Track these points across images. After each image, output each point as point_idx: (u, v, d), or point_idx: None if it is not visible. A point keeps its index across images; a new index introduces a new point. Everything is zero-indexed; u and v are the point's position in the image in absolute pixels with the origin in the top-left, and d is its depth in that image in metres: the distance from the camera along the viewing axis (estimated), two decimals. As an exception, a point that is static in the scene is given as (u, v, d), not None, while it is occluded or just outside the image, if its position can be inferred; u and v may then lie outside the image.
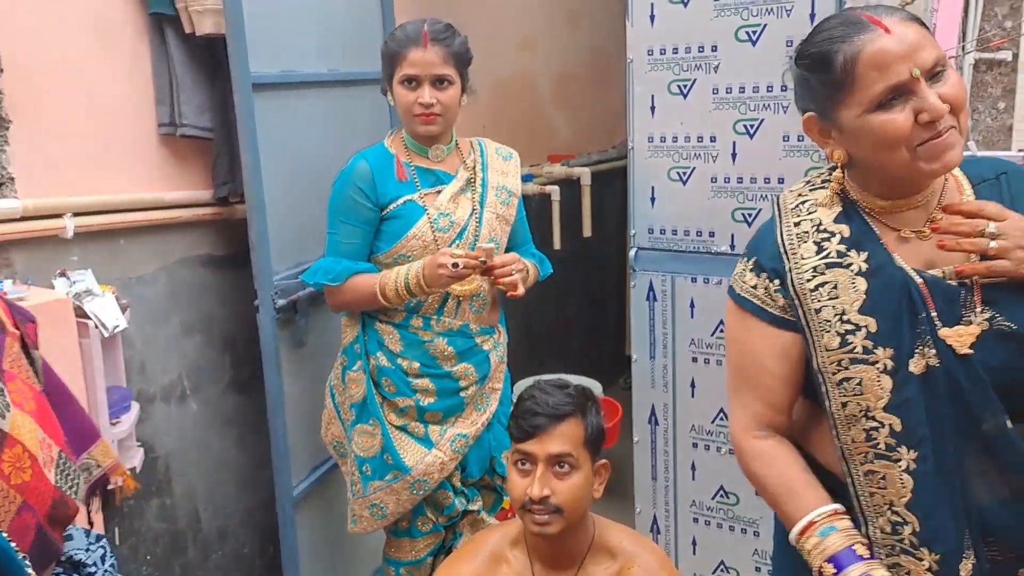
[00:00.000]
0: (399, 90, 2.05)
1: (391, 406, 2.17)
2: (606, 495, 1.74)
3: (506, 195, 2.19)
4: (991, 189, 1.30)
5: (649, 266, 2.50)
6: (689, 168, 2.38)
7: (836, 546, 1.24)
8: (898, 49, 1.16)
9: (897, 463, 1.26)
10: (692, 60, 2.30)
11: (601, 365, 4.27)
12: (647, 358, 2.54)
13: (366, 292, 2.07)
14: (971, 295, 1.24)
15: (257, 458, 2.64)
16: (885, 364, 1.24)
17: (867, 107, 1.19)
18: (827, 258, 1.29)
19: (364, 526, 2.24)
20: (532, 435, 1.61)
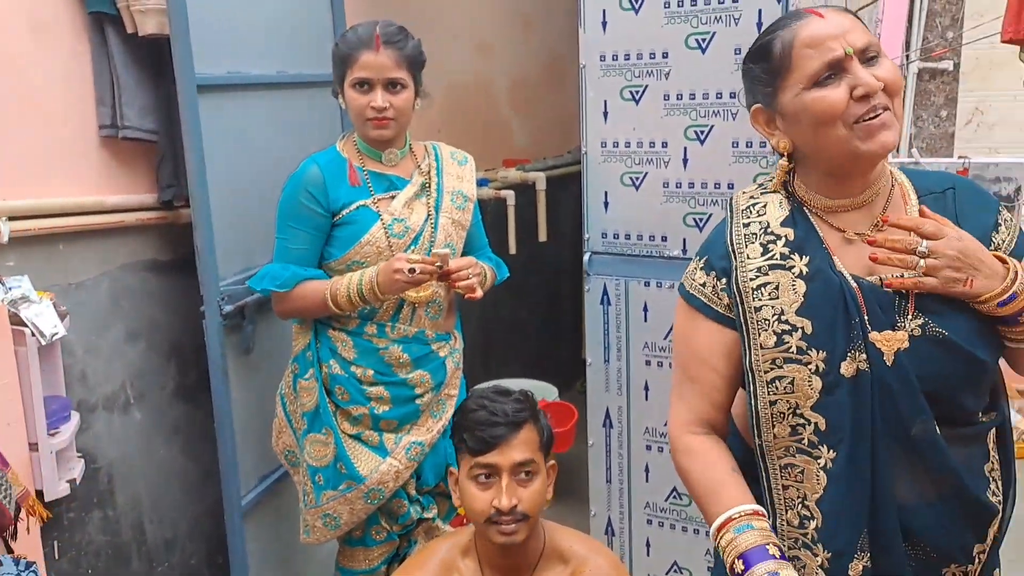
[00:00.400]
0: (351, 93, 2.02)
1: (344, 414, 2.14)
2: (561, 499, 1.75)
3: (462, 200, 2.17)
4: (936, 202, 1.33)
5: (603, 270, 2.50)
6: (642, 173, 2.39)
7: (749, 543, 1.25)
8: (831, 29, 1.23)
9: (816, 460, 1.30)
10: (644, 66, 2.31)
11: (558, 369, 4.28)
12: (601, 362, 2.55)
13: (316, 299, 2.03)
14: (906, 302, 1.27)
15: (205, 467, 2.59)
16: (817, 365, 1.27)
17: (805, 84, 1.24)
18: (771, 260, 1.32)
19: (317, 536, 2.20)
20: (494, 446, 1.60)
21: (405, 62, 2.01)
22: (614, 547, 2.61)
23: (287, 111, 2.45)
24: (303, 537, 2.24)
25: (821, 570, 1.30)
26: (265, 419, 2.36)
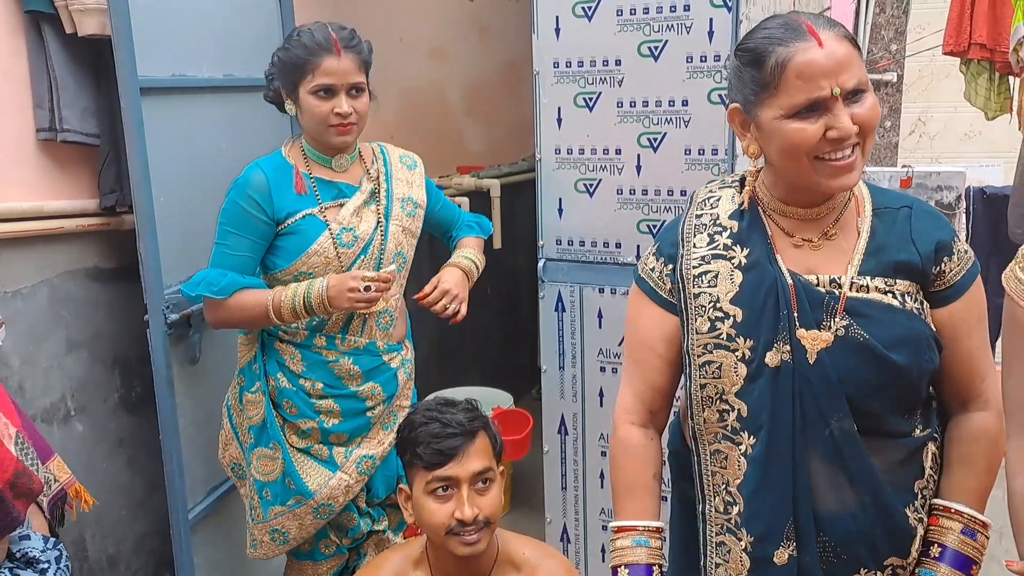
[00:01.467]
0: (310, 100, 1.96)
1: (293, 428, 2.09)
2: (517, 506, 1.74)
3: (412, 207, 2.13)
4: (888, 216, 1.36)
5: (557, 277, 2.50)
6: (595, 180, 2.39)
7: (640, 558, 1.39)
8: (826, 64, 1.21)
9: (738, 446, 1.35)
10: (597, 73, 2.32)
11: (513, 376, 4.26)
12: (556, 368, 2.54)
13: (255, 310, 1.96)
14: (836, 303, 1.30)
15: (150, 480, 2.52)
16: (744, 353, 1.33)
17: (785, 112, 1.24)
18: (715, 250, 1.38)
19: (264, 551, 2.15)
20: (451, 457, 1.58)
21: (364, 66, 1.99)
22: (569, 554, 2.60)
23: (235, 115, 2.40)
24: (250, 552, 2.19)
25: (745, 554, 1.35)
26: (213, 430, 2.30)
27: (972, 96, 3.71)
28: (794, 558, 1.32)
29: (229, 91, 2.38)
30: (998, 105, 3.64)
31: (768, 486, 1.32)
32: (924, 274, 1.33)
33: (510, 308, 4.55)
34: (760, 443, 1.32)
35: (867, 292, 1.31)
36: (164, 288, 2.14)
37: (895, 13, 5.01)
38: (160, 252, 2.11)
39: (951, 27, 3.60)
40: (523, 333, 4.65)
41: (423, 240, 2.23)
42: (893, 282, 1.31)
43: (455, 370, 3.96)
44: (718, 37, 2.15)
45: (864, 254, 1.33)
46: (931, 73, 5.92)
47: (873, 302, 1.30)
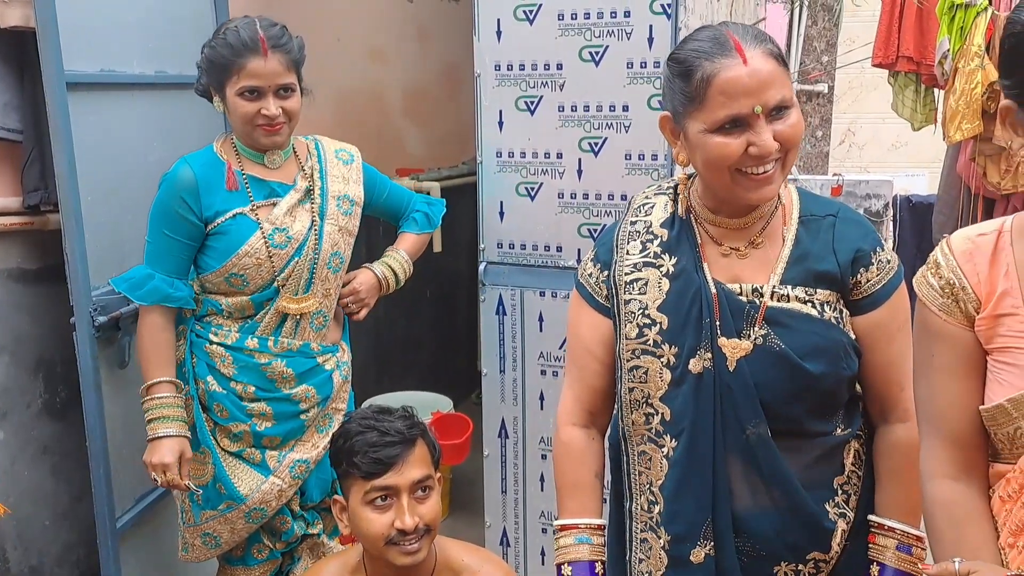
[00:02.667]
0: (237, 101, 1.89)
1: (224, 431, 2.04)
2: (456, 511, 1.72)
3: (348, 205, 2.07)
4: (814, 223, 1.38)
5: (498, 280, 2.50)
6: (537, 184, 2.39)
7: (583, 555, 1.42)
8: (748, 83, 1.22)
9: (661, 448, 1.39)
10: (538, 77, 2.32)
11: (453, 380, 4.24)
12: (497, 372, 2.54)
13: (144, 366, 1.95)
14: (756, 313, 1.33)
15: (76, 488, 2.43)
16: (669, 359, 1.37)
17: (708, 127, 1.26)
18: (646, 257, 1.41)
19: (196, 554, 2.11)
20: (391, 466, 1.55)
21: (293, 65, 1.92)
22: (508, 557, 2.60)
23: (166, 113, 2.33)
24: (182, 555, 2.14)
25: (664, 552, 1.40)
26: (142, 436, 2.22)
27: (899, 107, 3.83)
28: (711, 557, 1.36)
29: (160, 88, 2.32)
30: (924, 116, 3.76)
31: (687, 488, 1.36)
32: (843, 283, 1.35)
33: (449, 312, 4.53)
34: (681, 446, 1.36)
35: (787, 301, 1.33)
36: (92, 290, 2.07)
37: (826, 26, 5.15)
38: (87, 253, 2.04)
39: (880, 40, 3.71)
40: (462, 337, 4.63)
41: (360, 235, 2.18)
42: (814, 291, 1.34)
43: (393, 375, 3.93)
44: (658, 43, 2.17)
45: (787, 263, 1.35)
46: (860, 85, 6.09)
47: (792, 311, 1.32)
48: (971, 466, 1.16)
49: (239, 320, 2.00)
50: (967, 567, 1.05)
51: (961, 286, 1.13)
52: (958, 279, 1.14)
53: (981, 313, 1.12)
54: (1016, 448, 1.08)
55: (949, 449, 1.17)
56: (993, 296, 1.11)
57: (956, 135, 3.12)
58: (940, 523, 1.17)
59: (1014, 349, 1.08)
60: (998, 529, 1.13)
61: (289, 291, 1.98)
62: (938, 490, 1.18)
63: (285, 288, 1.98)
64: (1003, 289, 1.10)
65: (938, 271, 1.16)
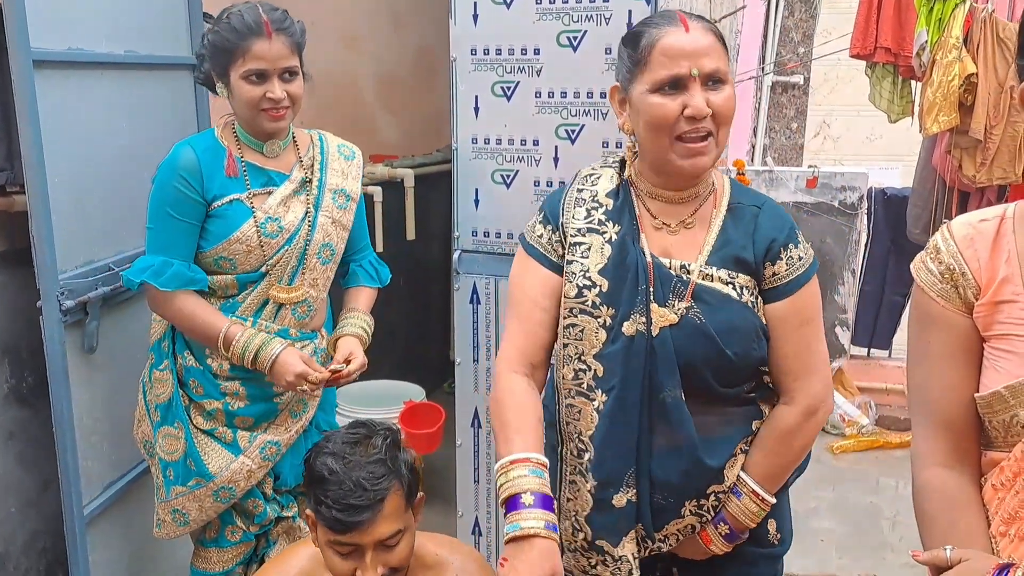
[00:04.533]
0: (242, 85, 1.88)
1: (198, 409, 2.05)
2: (428, 501, 1.68)
3: (344, 199, 2.07)
4: (741, 212, 1.50)
5: (473, 268, 2.48)
6: (513, 171, 2.38)
7: (543, 487, 1.38)
8: (688, 47, 1.37)
9: (592, 402, 1.49)
10: (515, 62, 2.30)
11: (425, 369, 4.22)
12: (470, 361, 2.52)
13: (204, 331, 1.94)
14: (685, 288, 1.45)
15: (43, 476, 2.38)
16: (605, 320, 1.47)
17: (650, 87, 1.39)
18: (591, 223, 1.51)
19: (167, 531, 2.11)
20: (354, 528, 1.42)
21: (296, 48, 1.93)
22: (481, 547, 2.59)
23: (136, 94, 2.29)
24: (155, 531, 2.14)
25: (590, 495, 1.50)
26: (111, 423, 2.20)
27: (876, 99, 3.85)
28: (632, 503, 1.49)
29: (130, 68, 2.27)
30: (900, 108, 3.79)
31: (615, 439, 1.47)
32: (757, 272, 1.47)
33: (422, 301, 4.51)
34: (611, 401, 1.46)
35: (711, 281, 1.45)
36: (59, 273, 2.03)
37: (803, 16, 5.17)
38: (55, 235, 2.00)
39: (858, 31, 3.73)
40: (436, 326, 4.61)
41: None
42: (735, 275, 1.46)
43: (367, 362, 3.90)
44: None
45: (712, 246, 1.47)
46: (836, 77, 6.14)
47: (715, 291, 1.45)
48: (964, 454, 1.17)
49: (221, 299, 2.00)
50: (958, 555, 1.05)
51: (961, 272, 1.14)
52: (958, 265, 1.14)
53: (980, 299, 1.12)
54: (1011, 436, 1.08)
55: (942, 436, 1.18)
56: (993, 282, 1.11)
57: (933, 127, 3.14)
58: (931, 510, 1.17)
59: (1013, 336, 1.08)
60: (989, 518, 1.13)
61: (276, 277, 1.99)
62: (930, 477, 1.19)
63: (272, 274, 1.99)
64: (1004, 276, 1.10)
65: (938, 256, 1.16)
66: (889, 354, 4.45)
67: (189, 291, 1.94)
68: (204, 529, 2.13)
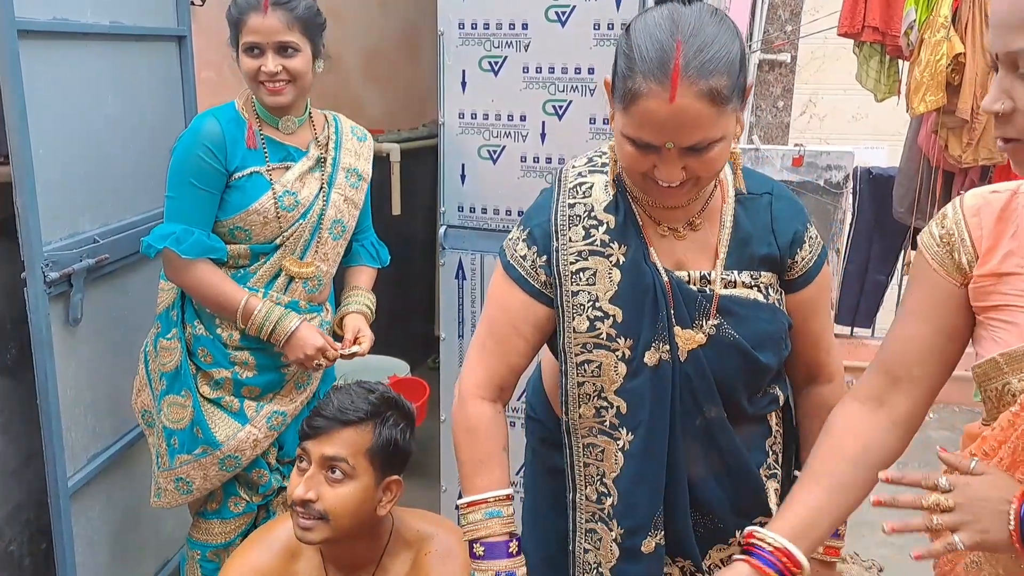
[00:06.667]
0: (243, 58, 1.95)
1: (206, 378, 2.07)
2: (413, 476, 1.69)
3: (356, 178, 2.13)
4: (752, 203, 1.38)
5: (458, 244, 2.48)
6: (499, 146, 2.37)
7: (494, 530, 1.36)
8: (666, 122, 1.16)
9: (616, 441, 1.36)
10: (503, 37, 2.29)
11: (410, 345, 4.23)
12: (455, 337, 2.53)
13: (222, 301, 1.99)
14: (709, 303, 1.33)
15: (27, 448, 2.38)
16: (624, 352, 1.33)
17: (624, 133, 1.22)
18: (592, 245, 1.34)
19: (168, 500, 2.13)
20: (311, 436, 1.52)
21: (297, 24, 1.95)
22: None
23: (122, 65, 2.26)
24: (154, 500, 2.16)
25: (615, 544, 1.38)
26: (96, 395, 2.20)
27: (863, 78, 3.86)
28: (661, 546, 1.37)
29: (115, 39, 2.24)
30: (887, 87, 3.80)
31: (643, 480, 1.35)
32: (782, 264, 1.37)
33: (407, 276, 4.50)
34: (638, 439, 1.34)
35: (735, 287, 1.34)
36: (44, 245, 2.02)
37: (792, -6, 5.15)
38: (39, 206, 1.98)
39: (846, 9, 3.73)
40: (421, 301, 4.61)
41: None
42: (758, 275, 1.35)
43: (353, 337, 3.90)
44: (625, 5, 2.15)
45: (728, 247, 1.35)
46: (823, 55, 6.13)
47: (741, 299, 1.34)
48: (888, 404, 1.21)
49: (232, 268, 2.03)
50: (983, 468, 1.04)
51: (960, 237, 1.15)
52: (959, 230, 1.15)
53: (980, 269, 1.13)
54: (1003, 406, 1.09)
55: (877, 378, 1.23)
56: (994, 252, 1.12)
57: (920, 107, 3.15)
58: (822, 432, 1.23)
59: (1014, 308, 1.09)
60: None
61: (289, 249, 2.04)
62: (841, 406, 1.25)
63: (286, 246, 2.03)
64: (1009, 249, 1.11)
65: (943, 221, 1.18)
66: (872, 333, 4.49)
67: (207, 260, 1.98)
68: (206, 501, 2.15)
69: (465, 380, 1.45)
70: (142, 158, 2.35)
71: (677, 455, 1.35)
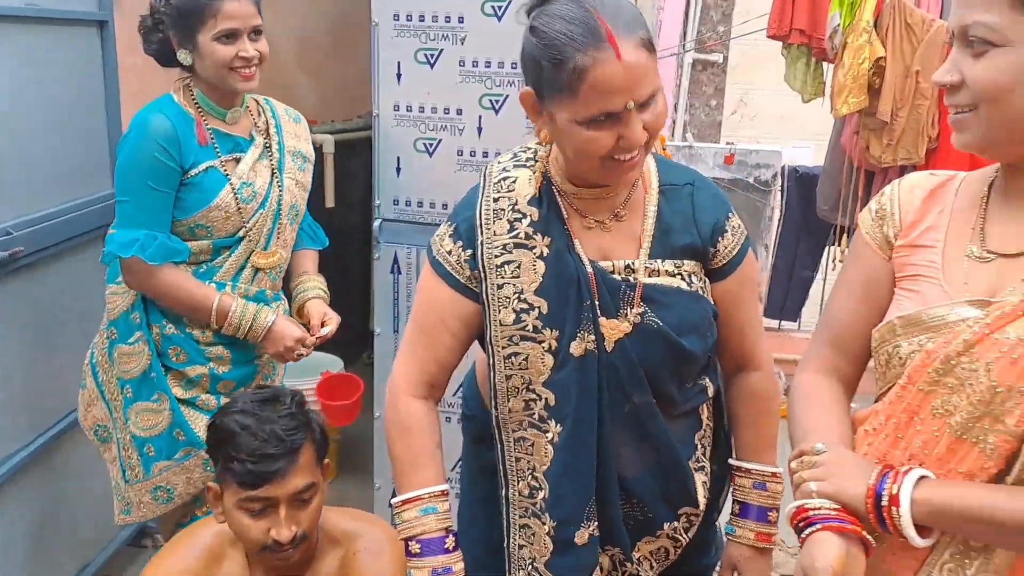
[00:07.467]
0: (214, 47, 1.87)
1: (177, 377, 2.01)
2: (346, 473, 1.66)
3: (302, 160, 2.10)
4: (674, 194, 1.40)
5: (394, 238, 2.45)
6: (436, 140, 2.35)
7: (430, 527, 1.37)
8: (622, 81, 1.17)
9: (545, 434, 1.36)
10: (439, 29, 2.27)
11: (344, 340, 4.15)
12: (390, 331, 2.50)
13: (195, 303, 1.93)
14: (632, 291, 1.34)
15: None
16: (550, 344, 1.33)
17: (580, 120, 1.21)
18: (516, 238, 1.35)
19: (143, 512, 2.05)
20: (270, 479, 1.41)
21: (258, 6, 1.93)
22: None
23: (37, 49, 2.17)
24: (121, 517, 2.08)
25: (548, 537, 1.38)
26: (11, 393, 2.12)
27: (791, 79, 3.94)
28: (595, 537, 1.37)
29: (31, 22, 2.15)
30: (813, 89, 3.88)
31: (573, 471, 1.36)
32: (704, 254, 1.39)
33: (341, 271, 4.41)
34: (566, 431, 1.35)
35: (658, 276, 1.35)
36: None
37: (724, -5, 5.23)
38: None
39: (775, 12, 3.80)
40: (355, 296, 4.55)
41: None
42: (681, 263, 1.37)
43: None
44: None
45: (652, 237, 1.36)
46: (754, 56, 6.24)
47: (665, 287, 1.35)
48: (841, 372, 1.26)
49: (193, 264, 1.97)
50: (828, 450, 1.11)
51: (891, 212, 1.20)
52: (892, 205, 1.20)
53: (901, 240, 1.17)
54: (890, 372, 1.13)
55: (827, 350, 1.26)
56: (917, 225, 1.16)
57: (843, 108, 3.23)
58: (800, 410, 1.24)
59: (921, 277, 1.13)
60: None
61: (253, 242, 1.99)
62: (804, 380, 1.27)
63: (249, 238, 1.98)
64: (931, 223, 1.16)
65: (880, 198, 1.23)
66: (798, 327, 4.60)
67: (171, 264, 1.91)
68: (190, 509, 2.08)
69: (396, 377, 1.44)
70: (60, 147, 2.26)
71: (606, 445, 1.35)
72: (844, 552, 1.03)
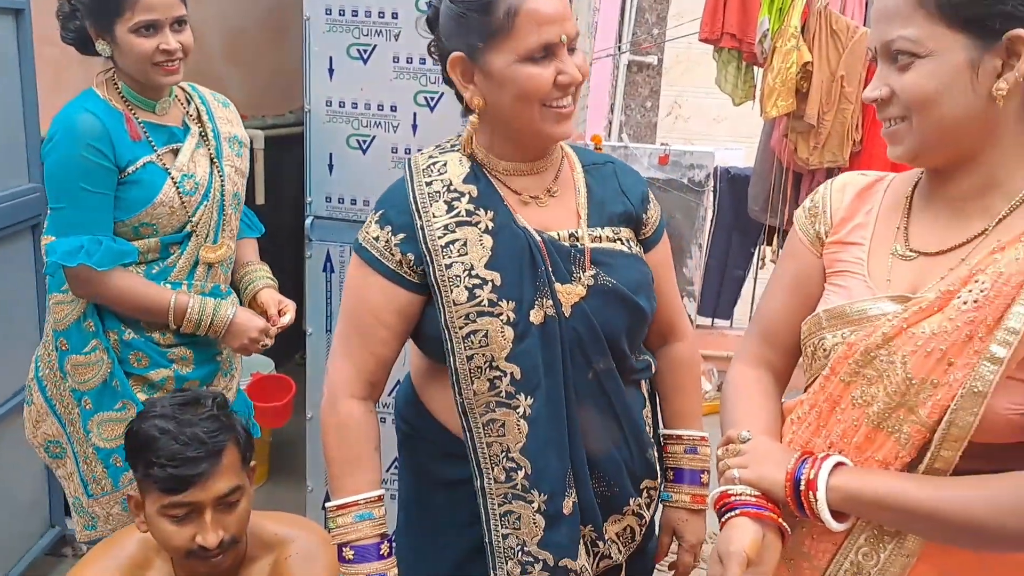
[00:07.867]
0: (132, 39, 1.77)
1: (140, 382, 1.91)
2: (277, 475, 1.62)
3: (238, 146, 2.02)
4: (599, 171, 1.46)
5: (326, 236, 2.41)
6: (369, 136, 2.32)
7: (365, 533, 1.36)
8: (553, 12, 1.26)
9: (516, 410, 1.34)
10: (372, 25, 2.23)
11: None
12: (323, 331, 2.46)
13: (149, 304, 1.85)
14: (582, 255, 1.37)
15: None
16: (508, 316, 1.32)
17: (519, 57, 1.27)
18: (457, 217, 1.34)
19: (113, 526, 1.95)
20: (193, 483, 1.37)
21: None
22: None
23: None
24: (86, 533, 1.98)
25: (539, 515, 1.35)
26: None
27: (722, 82, 4.00)
28: (577, 504, 1.37)
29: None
30: (744, 92, 3.96)
31: (550, 442, 1.35)
32: (638, 220, 1.45)
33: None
34: (538, 402, 1.33)
35: (601, 242, 1.39)
36: None
37: (658, -1, 5.29)
38: None
39: (707, 16, 3.86)
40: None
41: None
42: (618, 230, 1.42)
43: (213, 332, 3.73)
44: (497, -1, 2.13)
45: (588, 208, 1.41)
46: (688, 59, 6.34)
47: (609, 250, 1.39)
48: (772, 366, 1.29)
49: (142, 264, 1.88)
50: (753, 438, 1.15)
51: (823, 209, 1.23)
52: (823, 203, 1.24)
53: (831, 237, 1.21)
54: (816, 364, 1.16)
55: (758, 343, 1.30)
56: (847, 223, 1.20)
57: (772, 111, 3.30)
58: (732, 400, 1.28)
59: (847, 273, 1.17)
60: None
61: (201, 236, 1.91)
62: (736, 372, 1.31)
63: (197, 233, 1.91)
64: (859, 222, 1.19)
65: (814, 197, 1.26)
66: (731, 324, 4.68)
67: (122, 267, 1.82)
68: None
69: (333, 378, 1.41)
70: (-27, 139, 2.16)
71: (573, 418, 1.36)
72: (759, 538, 1.07)
